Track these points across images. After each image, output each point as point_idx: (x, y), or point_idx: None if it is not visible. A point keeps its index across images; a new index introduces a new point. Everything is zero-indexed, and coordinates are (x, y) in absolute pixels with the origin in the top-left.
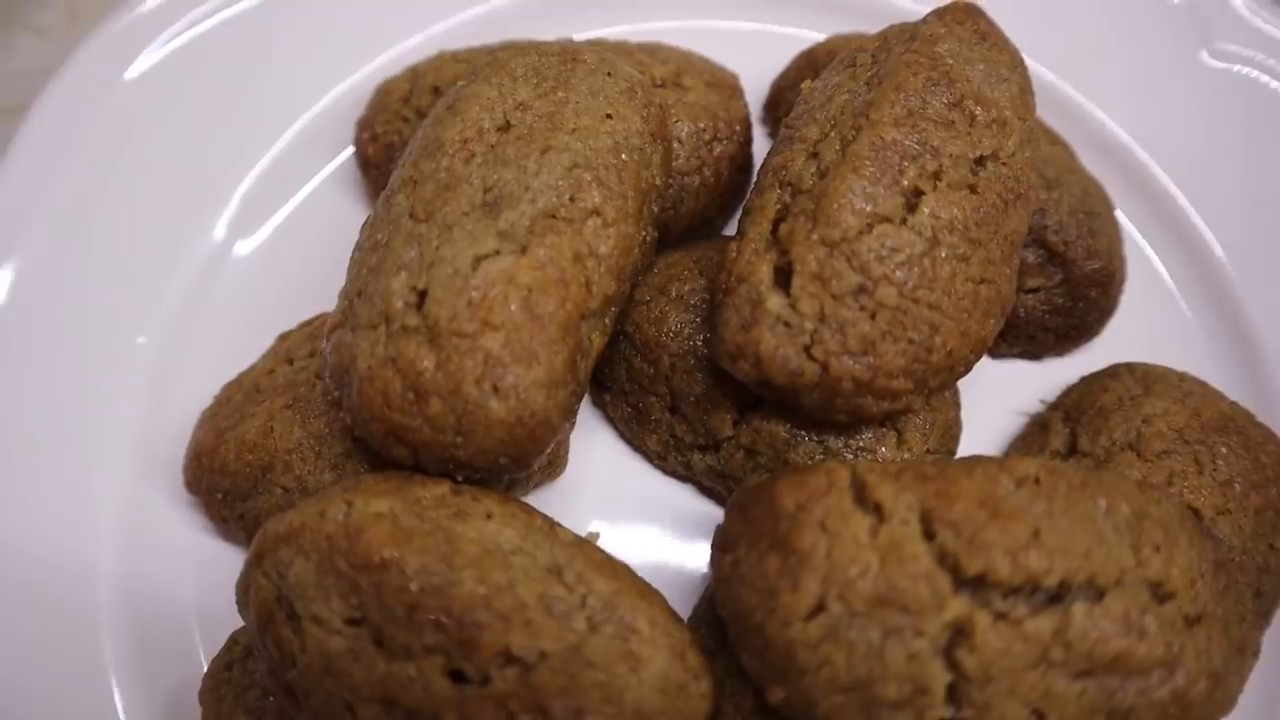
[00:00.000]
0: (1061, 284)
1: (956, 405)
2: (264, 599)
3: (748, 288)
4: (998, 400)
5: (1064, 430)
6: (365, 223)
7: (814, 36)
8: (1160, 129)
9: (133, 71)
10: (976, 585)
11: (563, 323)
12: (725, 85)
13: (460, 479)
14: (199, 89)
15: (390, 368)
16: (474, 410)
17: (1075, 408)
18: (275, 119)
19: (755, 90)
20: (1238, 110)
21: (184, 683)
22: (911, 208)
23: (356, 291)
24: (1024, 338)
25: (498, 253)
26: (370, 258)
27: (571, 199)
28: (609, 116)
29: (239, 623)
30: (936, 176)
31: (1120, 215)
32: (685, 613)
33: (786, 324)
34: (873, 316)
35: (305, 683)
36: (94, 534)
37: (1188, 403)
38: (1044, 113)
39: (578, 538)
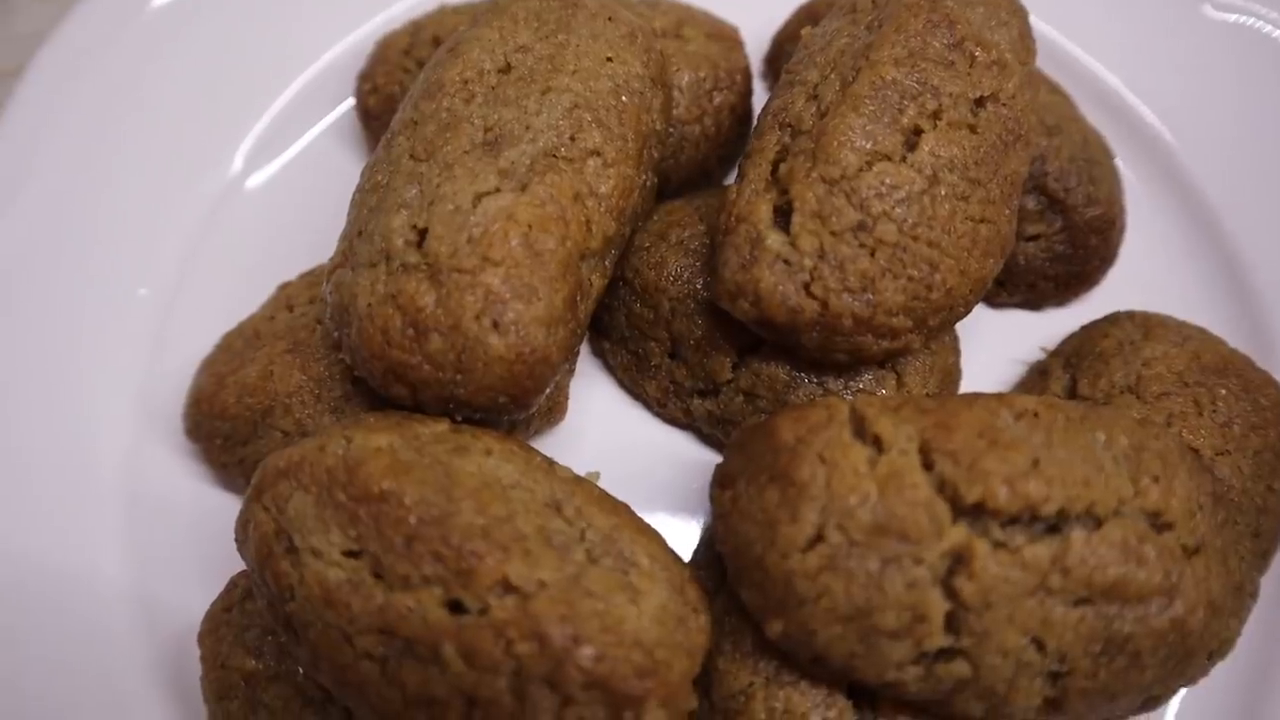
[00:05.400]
0: (1062, 231)
1: (957, 351)
2: (263, 533)
3: (747, 227)
4: (999, 349)
5: (1064, 376)
6: (366, 165)
7: None
8: (1162, 81)
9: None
10: (975, 514)
11: (563, 260)
12: (725, 36)
13: (460, 419)
14: (207, 37)
15: (390, 305)
16: (474, 346)
17: (1075, 354)
18: (277, 75)
19: (757, 45)
20: (1239, 61)
21: (185, 630)
22: (911, 146)
23: (357, 231)
24: (1024, 286)
25: (498, 190)
26: (370, 198)
27: (572, 139)
28: (609, 60)
29: (239, 569)
30: (936, 115)
31: (1121, 166)
32: (684, 558)
33: (786, 261)
34: (872, 253)
35: (304, 615)
36: (96, 485)
37: (1187, 346)
38: (1046, 66)
39: (577, 476)
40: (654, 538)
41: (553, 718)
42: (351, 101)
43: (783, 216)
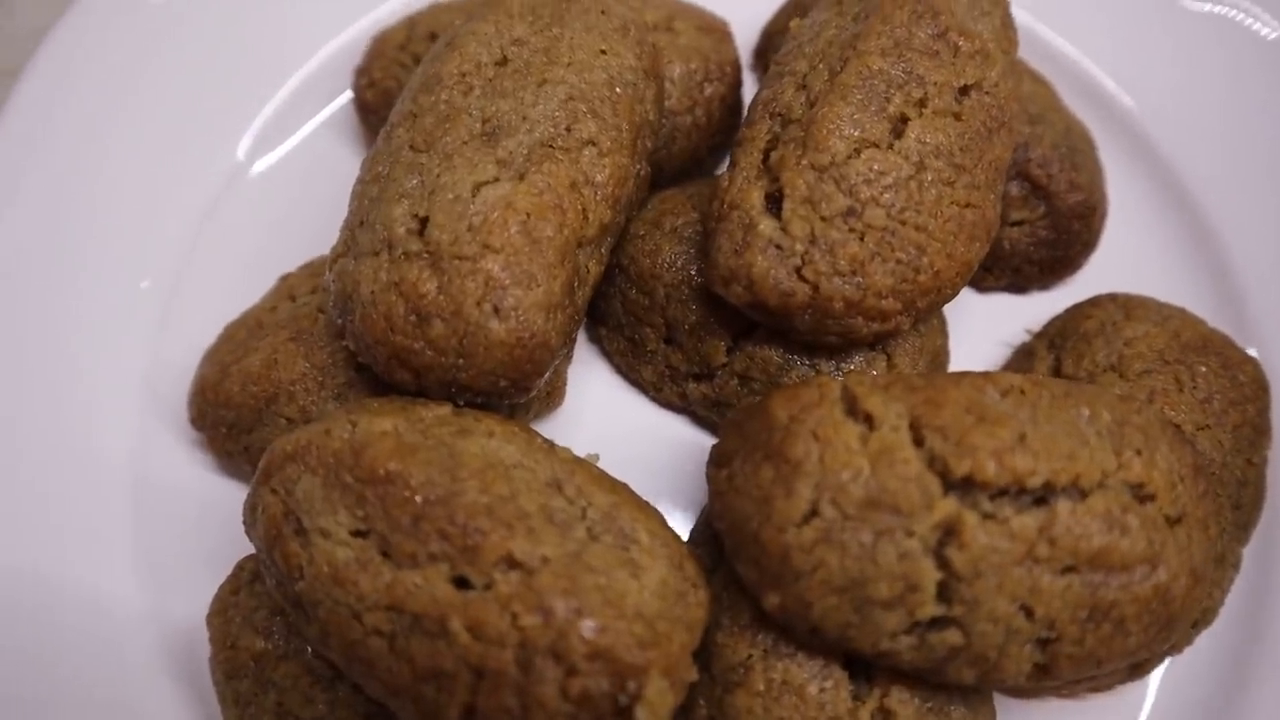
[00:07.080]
0: (1045, 216)
1: (945, 334)
2: (272, 515)
3: (740, 213)
4: (986, 332)
5: (1049, 356)
6: (366, 157)
7: None
8: (1141, 72)
9: None
10: (965, 487)
11: (560, 247)
12: (715, 30)
13: (461, 403)
14: (205, 33)
15: (393, 292)
16: (475, 331)
17: (1059, 335)
18: (274, 70)
19: (747, 39)
20: (1215, 52)
21: (193, 615)
22: (898, 133)
23: (358, 221)
24: (1010, 270)
25: (497, 179)
26: (371, 189)
27: (568, 129)
28: (603, 52)
29: (245, 554)
30: (922, 104)
31: (1103, 156)
32: (683, 537)
33: (778, 246)
34: (861, 238)
35: (313, 594)
36: (102, 475)
37: (1168, 325)
38: (1029, 56)
39: (577, 457)
40: (653, 515)
41: (557, 688)
42: (348, 96)
43: (774, 203)
